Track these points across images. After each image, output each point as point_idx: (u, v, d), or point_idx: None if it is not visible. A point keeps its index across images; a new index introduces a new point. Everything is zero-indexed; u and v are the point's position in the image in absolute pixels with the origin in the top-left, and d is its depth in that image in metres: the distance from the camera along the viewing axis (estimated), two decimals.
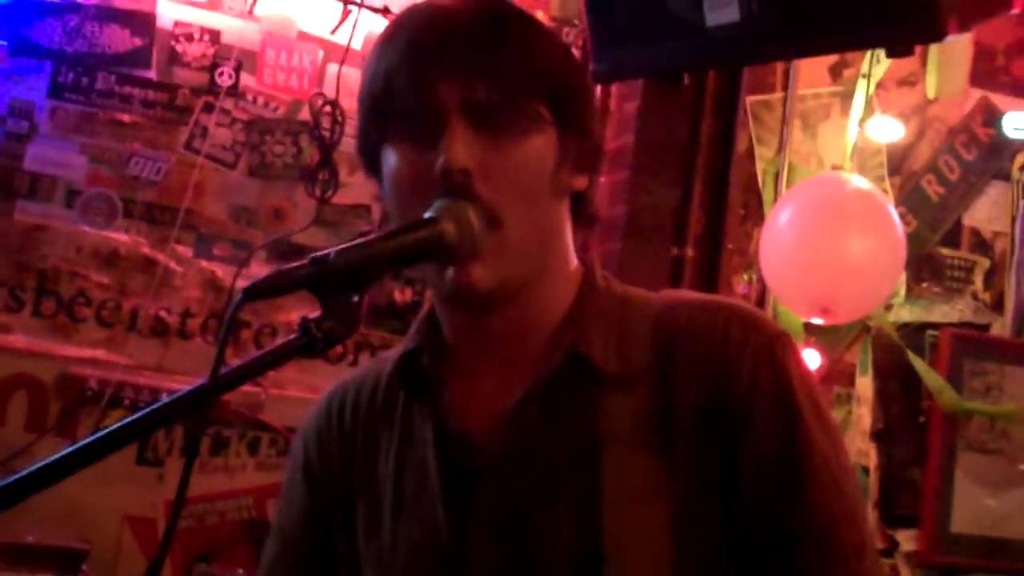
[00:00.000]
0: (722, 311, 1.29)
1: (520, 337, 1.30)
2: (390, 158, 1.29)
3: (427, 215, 1.19)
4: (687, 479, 1.22)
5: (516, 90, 1.24)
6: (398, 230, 1.19)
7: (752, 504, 1.22)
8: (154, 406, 1.03)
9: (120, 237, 3.48)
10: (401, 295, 3.65)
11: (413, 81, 1.24)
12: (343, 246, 1.12)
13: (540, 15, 3.82)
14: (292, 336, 1.10)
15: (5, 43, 3.40)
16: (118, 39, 3.49)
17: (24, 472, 0.98)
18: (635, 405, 1.24)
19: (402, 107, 1.26)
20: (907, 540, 3.70)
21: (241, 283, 3.44)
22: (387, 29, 1.32)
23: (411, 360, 1.35)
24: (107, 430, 1.00)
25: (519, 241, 1.24)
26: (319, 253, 1.10)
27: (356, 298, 1.11)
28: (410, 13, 1.32)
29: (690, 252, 3.48)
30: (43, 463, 1.00)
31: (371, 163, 1.33)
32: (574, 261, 1.35)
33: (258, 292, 1.06)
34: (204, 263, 3.55)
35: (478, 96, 1.22)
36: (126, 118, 3.50)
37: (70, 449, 1.01)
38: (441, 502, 1.28)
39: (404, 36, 1.29)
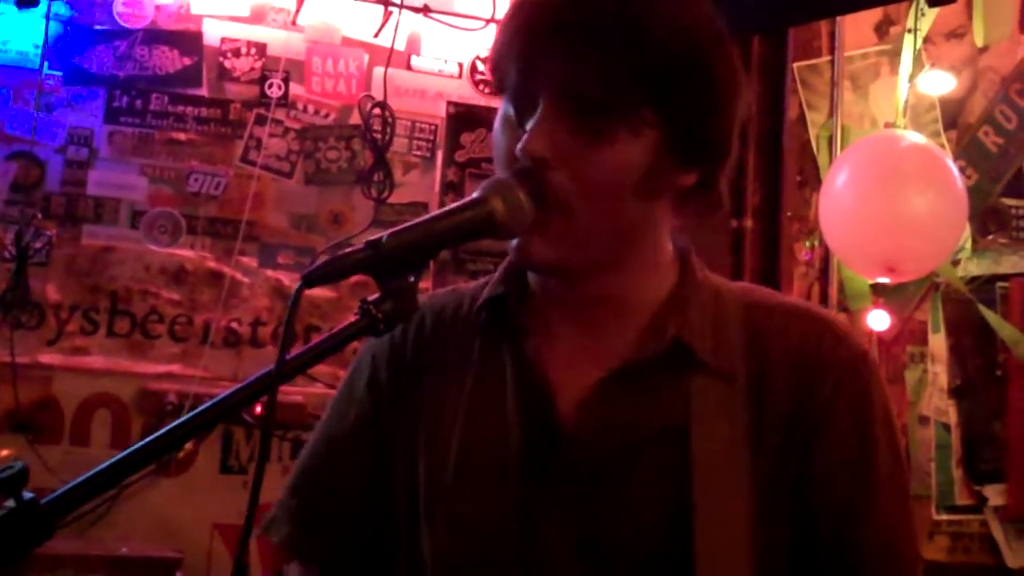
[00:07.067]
0: (815, 322, 1.30)
1: (613, 313, 1.28)
2: (500, 114, 1.27)
3: (475, 194, 1.19)
4: (767, 479, 1.23)
5: (619, 87, 1.16)
6: (449, 210, 1.18)
7: (819, 512, 1.24)
8: (224, 394, 1.03)
9: (186, 253, 3.54)
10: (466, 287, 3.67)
11: (516, 61, 1.22)
12: (396, 228, 1.12)
13: None
14: (353, 319, 1.10)
15: (59, 73, 3.48)
16: (168, 60, 3.55)
17: (103, 465, 0.99)
18: (727, 398, 1.24)
19: (509, 83, 1.24)
20: (995, 495, 3.66)
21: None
22: (511, 3, 1.28)
23: (496, 304, 1.33)
24: (182, 419, 1.01)
25: (588, 232, 1.21)
26: (373, 238, 1.11)
27: (412, 279, 1.12)
28: None
29: (749, 223, 3.47)
30: (120, 455, 1.00)
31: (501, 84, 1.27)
32: (668, 250, 1.31)
33: (316, 278, 1.07)
34: (269, 272, 3.60)
35: (577, 87, 1.17)
36: (182, 136, 3.56)
37: (139, 445, 1.01)
38: (518, 451, 1.27)
39: (520, 12, 1.24)
